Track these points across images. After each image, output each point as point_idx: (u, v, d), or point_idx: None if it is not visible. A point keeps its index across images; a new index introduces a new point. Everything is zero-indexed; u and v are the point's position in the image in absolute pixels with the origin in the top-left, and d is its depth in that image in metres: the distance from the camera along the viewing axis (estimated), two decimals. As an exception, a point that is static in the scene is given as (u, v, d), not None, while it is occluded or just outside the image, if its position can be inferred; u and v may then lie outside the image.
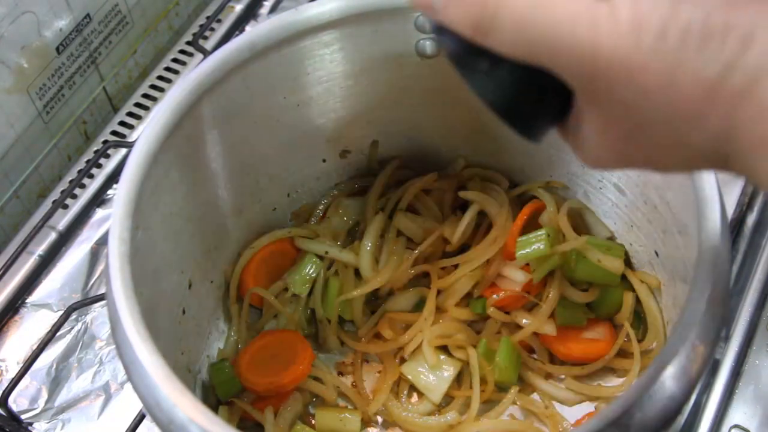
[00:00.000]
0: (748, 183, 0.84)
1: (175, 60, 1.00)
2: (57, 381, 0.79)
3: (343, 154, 0.81)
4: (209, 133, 0.69)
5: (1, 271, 0.84)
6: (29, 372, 0.78)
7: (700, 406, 0.73)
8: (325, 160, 0.81)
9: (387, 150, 0.81)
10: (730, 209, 0.81)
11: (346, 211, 0.82)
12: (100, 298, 0.82)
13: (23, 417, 0.77)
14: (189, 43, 1.01)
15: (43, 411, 0.78)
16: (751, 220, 0.84)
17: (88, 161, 0.91)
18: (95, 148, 0.94)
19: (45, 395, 0.79)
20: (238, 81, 0.68)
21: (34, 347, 0.80)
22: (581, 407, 0.74)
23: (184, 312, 0.71)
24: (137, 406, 0.76)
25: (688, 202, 0.60)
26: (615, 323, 0.77)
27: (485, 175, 0.81)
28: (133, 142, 0.82)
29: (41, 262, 0.86)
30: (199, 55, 0.98)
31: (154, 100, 0.97)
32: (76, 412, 0.78)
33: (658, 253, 0.72)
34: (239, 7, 1.03)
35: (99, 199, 0.90)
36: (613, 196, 0.75)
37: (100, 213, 0.90)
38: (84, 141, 0.97)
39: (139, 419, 0.75)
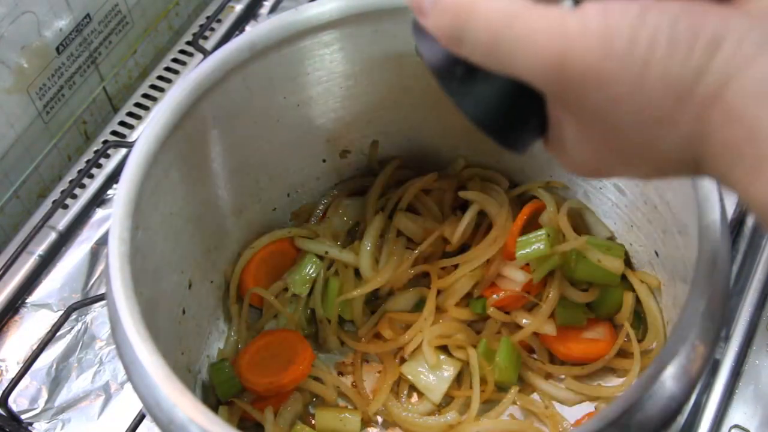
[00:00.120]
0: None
1: (175, 60, 1.00)
2: (57, 381, 0.79)
3: (343, 154, 0.81)
4: (209, 133, 0.69)
5: (1, 271, 0.84)
6: (29, 372, 0.78)
7: (700, 406, 0.73)
8: (325, 160, 0.81)
9: (387, 150, 0.81)
10: (730, 209, 0.81)
11: (346, 211, 0.82)
12: (100, 298, 0.82)
13: (23, 417, 0.77)
14: (189, 43, 1.01)
15: (43, 411, 0.78)
16: (751, 220, 0.83)
17: (88, 161, 0.91)
18: (95, 148, 0.94)
19: (45, 395, 0.79)
20: (238, 81, 0.68)
21: (34, 347, 0.80)
22: (581, 407, 0.74)
23: (184, 312, 0.71)
24: (137, 406, 0.76)
25: (688, 202, 0.61)
26: (615, 323, 0.77)
27: (485, 175, 0.81)
28: (133, 142, 0.82)
29: (41, 262, 0.86)
30: (199, 55, 0.98)
31: (154, 100, 0.97)
32: (76, 412, 0.78)
33: (658, 253, 0.72)
34: (239, 7, 1.03)
35: (99, 199, 0.90)
36: (613, 196, 0.75)
37: (100, 213, 0.90)
38: (84, 141, 0.97)
39: (139, 419, 0.75)
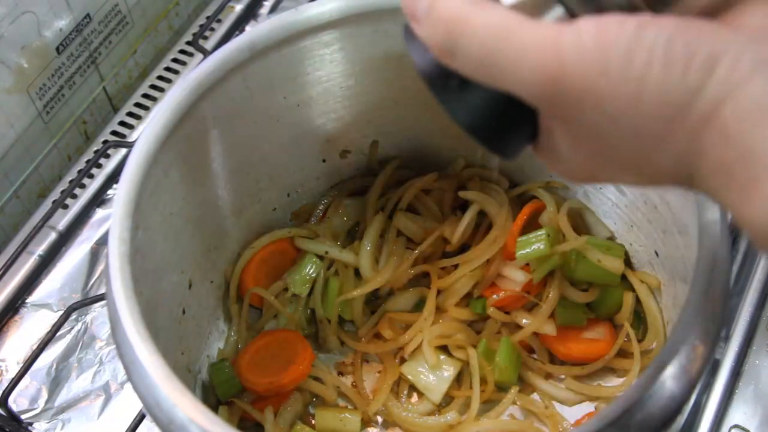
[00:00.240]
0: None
1: (175, 60, 1.00)
2: (57, 381, 0.79)
3: (343, 154, 0.81)
4: (209, 133, 0.69)
5: (1, 271, 0.84)
6: (29, 372, 0.78)
7: (700, 406, 0.73)
8: (325, 160, 0.81)
9: (387, 150, 0.81)
10: (730, 209, 0.81)
11: (346, 211, 0.82)
12: (100, 298, 0.82)
13: (23, 417, 0.77)
14: (189, 43, 1.01)
15: (43, 411, 0.78)
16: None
17: (88, 161, 0.91)
18: (95, 148, 0.94)
19: (45, 395, 0.79)
20: (238, 81, 0.68)
21: (34, 347, 0.79)
22: (581, 407, 0.74)
23: (184, 312, 0.71)
24: (137, 406, 0.76)
25: (688, 202, 0.61)
26: (615, 323, 0.77)
27: (485, 175, 0.81)
28: (133, 142, 0.82)
29: (41, 262, 0.86)
30: (199, 55, 0.98)
31: (154, 100, 0.97)
32: (76, 412, 0.78)
33: (658, 253, 0.72)
34: (239, 7, 1.03)
35: (99, 199, 0.90)
36: (613, 196, 0.75)
37: (100, 213, 0.90)
38: (84, 141, 0.97)
39: (139, 419, 0.75)
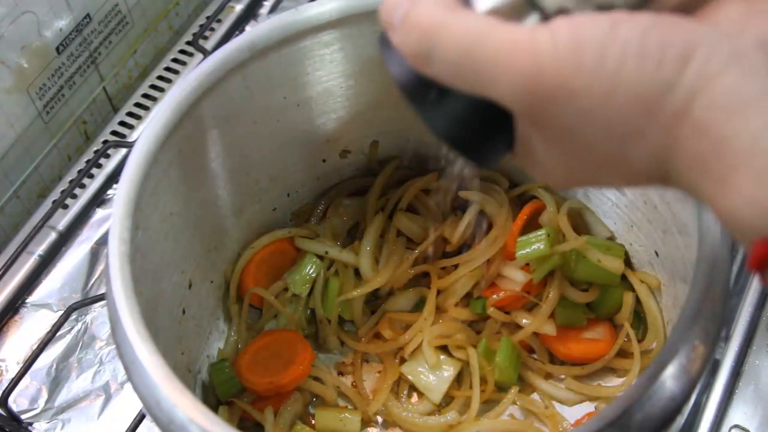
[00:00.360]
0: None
1: (175, 60, 1.00)
2: (57, 381, 0.79)
3: (343, 154, 0.81)
4: (209, 133, 0.69)
5: (1, 271, 0.84)
6: (29, 372, 0.78)
7: (700, 406, 0.73)
8: (325, 160, 0.81)
9: (387, 150, 0.81)
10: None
11: (346, 211, 0.82)
12: (100, 298, 0.82)
13: (23, 417, 0.77)
14: (189, 43, 1.01)
15: (43, 411, 0.78)
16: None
17: (88, 161, 0.91)
18: (95, 148, 0.94)
19: (45, 395, 0.79)
20: (238, 81, 0.68)
21: (34, 347, 0.79)
22: (581, 407, 0.74)
23: (184, 312, 0.71)
24: (137, 406, 0.76)
25: (688, 202, 0.61)
26: (615, 323, 0.77)
27: (485, 175, 0.81)
28: (133, 142, 0.82)
29: (41, 262, 0.86)
30: (199, 55, 0.98)
31: (154, 100, 0.97)
32: (76, 412, 0.78)
33: (658, 253, 0.72)
34: (239, 7, 1.03)
35: (99, 199, 0.90)
36: (613, 196, 0.75)
37: (100, 213, 0.90)
38: (84, 141, 0.97)
39: (139, 419, 0.75)
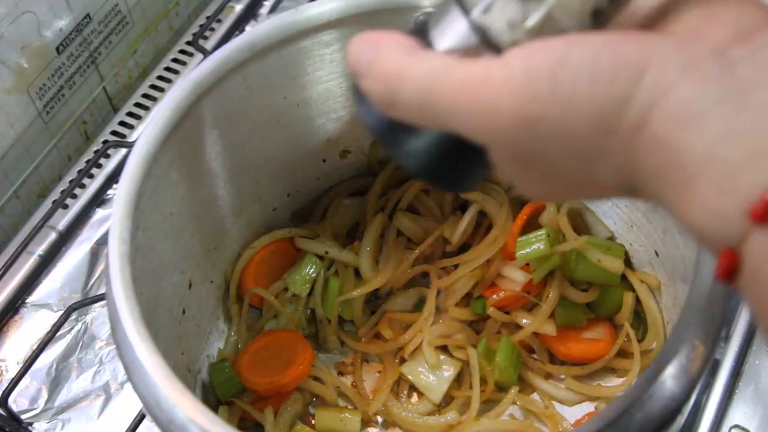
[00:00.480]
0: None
1: (175, 60, 1.00)
2: (57, 381, 0.79)
3: (343, 154, 0.81)
4: (209, 133, 0.69)
5: (1, 271, 0.83)
6: (29, 372, 0.78)
7: (700, 406, 0.73)
8: (325, 160, 0.81)
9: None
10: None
11: (346, 211, 0.82)
12: (100, 298, 0.82)
13: (23, 417, 0.77)
14: (189, 43, 1.01)
15: (43, 411, 0.78)
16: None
17: (88, 161, 0.91)
18: (95, 148, 0.94)
19: (45, 395, 0.79)
20: (238, 81, 0.68)
21: (34, 347, 0.79)
22: (581, 407, 0.74)
23: (184, 312, 0.71)
24: (137, 406, 0.75)
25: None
26: (615, 323, 0.77)
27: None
28: (133, 142, 0.82)
29: (41, 262, 0.85)
30: (199, 55, 0.98)
31: (154, 100, 0.97)
32: (76, 412, 0.78)
33: (658, 253, 0.72)
34: (239, 7, 1.03)
35: (99, 199, 0.90)
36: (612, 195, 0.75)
37: (100, 213, 0.90)
38: (84, 141, 0.97)
39: (139, 419, 0.75)
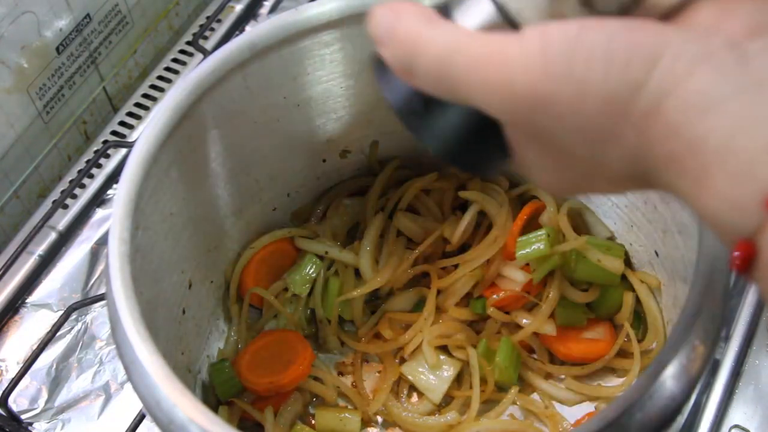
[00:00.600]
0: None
1: (175, 60, 1.00)
2: (57, 381, 0.79)
3: (343, 154, 0.81)
4: (209, 133, 0.69)
5: (1, 271, 0.83)
6: (29, 372, 0.78)
7: (700, 406, 0.73)
8: (325, 160, 0.81)
9: (387, 150, 0.81)
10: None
11: (346, 211, 0.82)
12: (100, 298, 0.82)
13: (23, 417, 0.77)
14: (189, 43, 1.01)
15: (43, 411, 0.78)
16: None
17: (88, 161, 0.91)
18: (95, 148, 0.94)
19: (45, 395, 0.79)
20: (238, 81, 0.68)
21: (34, 347, 0.80)
22: (581, 407, 0.74)
23: (184, 312, 0.71)
24: (137, 406, 0.75)
25: (688, 202, 0.60)
26: (615, 323, 0.77)
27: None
28: (133, 142, 0.82)
29: (41, 262, 0.85)
30: (199, 55, 0.98)
31: (154, 100, 0.97)
32: (76, 412, 0.78)
33: (658, 253, 0.72)
34: (239, 7, 1.03)
35: (99, 199, 0.90)
36: (613, 196, 0.75)
37: (100, 213, 0.90)
38: (84, 141, 0.97)
39: (139, 419, 0.75)
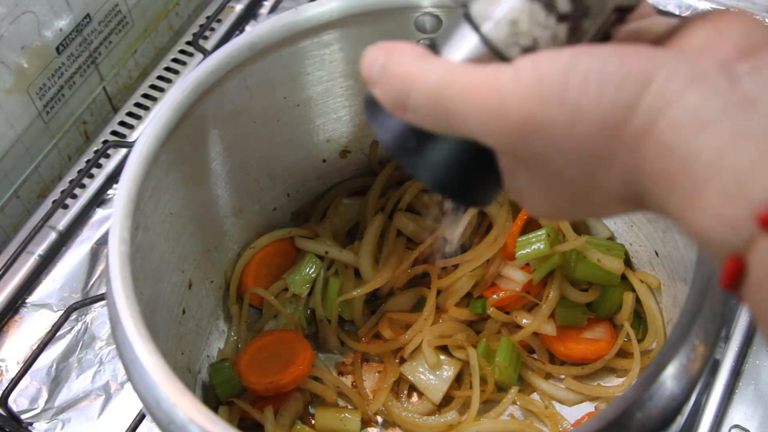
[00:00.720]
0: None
1: (175, 60, 1.00)
2: (57, 381, 0.79)
3: (343, 154, 0.81)
4: (209, 133, 0.69)
5: (1, 271, 0.83)
6: (29, 372, 0.78)
7: (700, 406, 0.73)
8: (325, 160, 0.81)
9: (387, 150, 0.81)
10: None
11: (346, 211, 0.82)
12: (100, 298, 0.82)
13: (23, 417, 0.77)
14: (189, 43, 1.01)
15: (43, 411, 0.78)
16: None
17: (88, 161, 0.91)
18: (95, 148, 0.94)
19: (45, 395, 0.79)
20: (238, 81, 0.68)
21: (34, 347, 0.80)
22: (581, 407, 0.74)
23: (184, 312, 0.71)
24: (137, 406, 0.76)
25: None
26: (615, 323, 0.77)
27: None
28: (133, 142, 0.82)
29: (41, 262, 0.86)
30: (199, 55, 0.98)
31: (154, 100, 0.97)
32: (76, 412, 0.78)
33: (658, 253, 0.72)
34: (239, 7, 1.03)
35: (99, 199, 0.90)
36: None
37: (100, 213, 0.90)
38: (84, 141, 0.97)
39: (139, 419, 0.75)
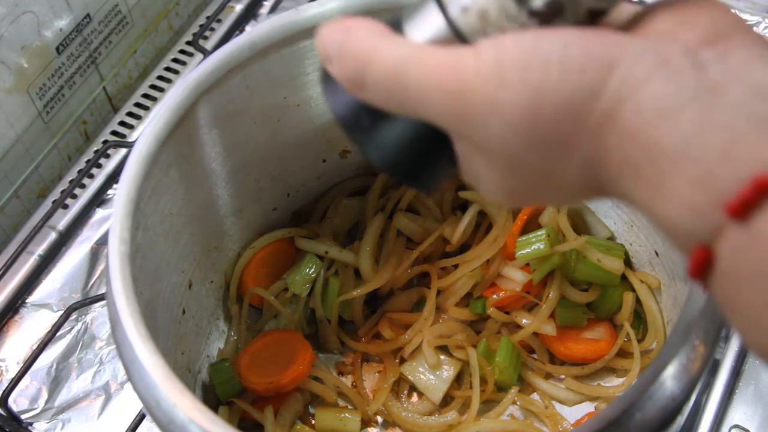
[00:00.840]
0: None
1: (175, 60, 1.00)
2: (57, 381, 0.79)
3: (343, 154, 0.81)
4: (209, 133, 0.69)
5: (1, 271, 0.83)
6: (29, 372, 0.78)
7: (700, 406, 0.73)
8: (325, 160, 0.81)
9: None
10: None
11: (346, 211, 0.82)
12: (100, 298, 0.82)
13: (23, 417, 0.77)
14: (189, 43, 1.01)
15: (43, 411, 0.78)
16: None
17: (88, 161, 0.91)
18: (95, 148, 0.94)
19: (45, 395, 0.79)
20: (238, 81, 0.68)
21: (34, 347, 0.80)
22: (581, 407, 0.74)
23: (184, 312, 0.71)
24: (137, 406, 0.76)
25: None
26: (615, 323, 0.77)
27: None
28: (133, 142, 0.82)
29: (41, 262, 0.85)
30: (199, 55, 0.98)
31: (154, 100, 0.97)
32: (76, 412, 0.78)
33: (658, 253, 0.72)
34: (239, 7, 1.03)
35: (99, 199, 0.90)
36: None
37: (100, 213, 0.90)
38: (84, 141, 0.97)
39: (139, 419, 0.75)
